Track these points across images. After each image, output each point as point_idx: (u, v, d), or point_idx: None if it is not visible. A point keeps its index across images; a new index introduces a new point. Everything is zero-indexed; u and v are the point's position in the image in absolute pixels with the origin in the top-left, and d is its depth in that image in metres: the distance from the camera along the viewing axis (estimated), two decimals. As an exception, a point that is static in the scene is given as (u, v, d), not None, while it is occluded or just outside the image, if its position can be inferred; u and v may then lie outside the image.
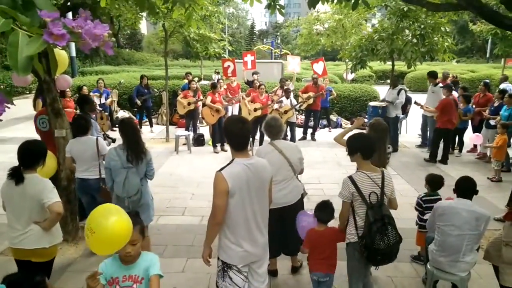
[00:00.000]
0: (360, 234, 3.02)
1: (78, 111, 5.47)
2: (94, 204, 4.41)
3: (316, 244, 3.35)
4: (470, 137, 8.42)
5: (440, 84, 9.22)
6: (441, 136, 8.25)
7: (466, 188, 3.44)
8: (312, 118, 10.63)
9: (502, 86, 10.34)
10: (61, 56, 4.97)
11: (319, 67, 11.32)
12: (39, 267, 3.17)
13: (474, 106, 8.83)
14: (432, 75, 9.27)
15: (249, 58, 11.98)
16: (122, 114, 11.75)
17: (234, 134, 2.70)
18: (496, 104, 8.25)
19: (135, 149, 3.80)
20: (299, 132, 10.47)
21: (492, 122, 7.99)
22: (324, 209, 3.41)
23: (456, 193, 3.51)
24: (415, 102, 8.82)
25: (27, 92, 19.32)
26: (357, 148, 3.07)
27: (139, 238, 2.38)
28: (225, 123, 2.85)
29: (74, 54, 16.21)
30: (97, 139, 4.46)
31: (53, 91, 4.52)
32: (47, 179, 3.24)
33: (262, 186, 2.76)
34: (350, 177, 3.07)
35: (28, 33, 1.30)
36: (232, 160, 2.72)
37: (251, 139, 8.77)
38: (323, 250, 3.36)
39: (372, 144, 3.13)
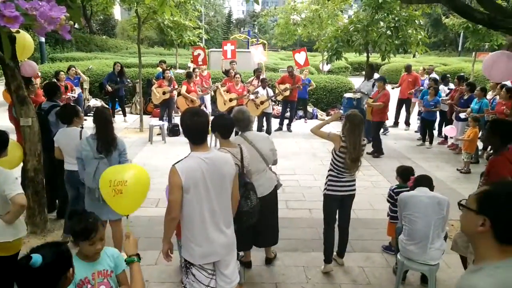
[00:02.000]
0: None
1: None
2: (79, 198, 4.28)
3: None
4: (444, 129, 8.64)
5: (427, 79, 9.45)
6: (379, 129, 8.54)
7: (422, 179, 3.74)
8: (288, 109, 10.63)
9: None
10: (26, 40, 4.75)
11: (301, 57, 11.29)
12: (2, 261, 3.02)
13: (449, 100, 9.01)
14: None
15: (228, 47, 11.72)
16: (94, 102, 11.44)
17: (190, 128, 2.59)
18: (465, 97, 8.46)
19: (105, 139, 3.69)
20: (275, 123, 10.46)
21: (462, 115, 8.18)
22: None
23: (413, 184, 3.78)
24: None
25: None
26: (216, 127, 3.11)
27: (104, 233, 2.32)
28: (181, 116, 2.71)
29: (43, 39, 15.62)
30: (81, 130, 4.28)
31: (18, 78, 4.32)
32: (9, 170, 3.07)
33: (222, 182, 2.63)
34: None
35: (-23, 15, 1.20)
36: (189, 154, 2.63)
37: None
38: None
39: (230, 125, 3.37)
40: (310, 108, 12.30)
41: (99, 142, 3.68)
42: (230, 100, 8.97)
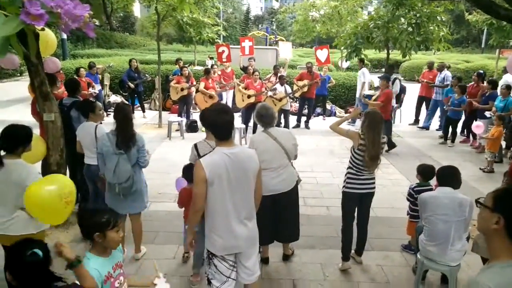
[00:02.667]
0: None
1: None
2: (97, 191, 4.37)
3: (188, 200, 3.49)
4: (473, 126, 8.27)
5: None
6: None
7: (445, 175, 3.54)
8: (306, 106, 10.57)
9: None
10: (49, 37, 4.84)
11: (322, 54, 11.19)
12: None
13: (467, 96, 8.83)
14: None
15: (246, 43, 11.71)
16: (114, 98, 11.60)
17: (216, 124, 2.66)
18: (487, 94, 8.25)
19: (124, 135, 3.73)
20: (293, 119, 10.42)
21: (487, 114, 7.98)
22: (188, 170, 3.71)
23: (437, 182, 3.60)
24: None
25: (18, 75, 19.00)
26: (207, 124, 3.05)
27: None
28: (207, 113, 2.78)
29: (65, 36, 15.91)
30: (96, 125, 4.35)
31: (41, 74, 4.40)
32: (32, 165, 3.16)
33: (245, 177, 2.69)
34: (195, 144, 3.67)
35: (5, 12, 1.22)
36: (215, 149, 2.71)
37: (244, 126, 8.81)
38: None
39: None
40: (328, 106, 12.20)
41: (118, 138, 3.73)
42: (249, 96, 8.97)
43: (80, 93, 5.34)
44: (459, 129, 9.27)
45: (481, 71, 9.69)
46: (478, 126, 7.86)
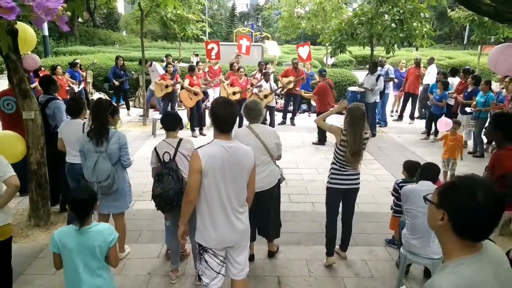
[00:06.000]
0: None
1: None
2: None
3: None
4: (438, 121, 7.13)
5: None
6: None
7: (426, 170, 3.60)
8: (291, 103, 10.58)
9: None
10: (28, 34, 4.73)
11: (304, 51, 11.20)
12: None
13: (455, 93, 8.93)
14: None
15: (244, 42, 11.52)
16: (97, 96, 11.41)
17: (220, 116, 2.68)
18: (469, 90, 8.38)
19: (97, 129, 3.65)
20: (278, 116, 10.43)
21: (468, 109, 8.10)
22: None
23: (420, 176, 3.64)
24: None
25: (-2, 73, 18.57)
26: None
27: None
28: (212, 104, 2.83)
29: (46, 33, 15.63)
30: (84, 122, 4.25)
31: (20, 71, 4.31)
32: (0, 156, 3.13)
33: (240, 172, 2.70)
34: (155, 148, 3.67)
35: (-27, 5, 1.18)
36: (212, 140, 2.73)
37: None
38: None
39: (168, 120, 3.76)
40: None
41: (91, 130, 3.66)
42: (234, 93, 8.93)
43: (56, 91, 5.23)
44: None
45: (468, 67, 9.83)
46: (444, 122, 6.64)
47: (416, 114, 11.31)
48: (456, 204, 1.42)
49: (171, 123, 3.75)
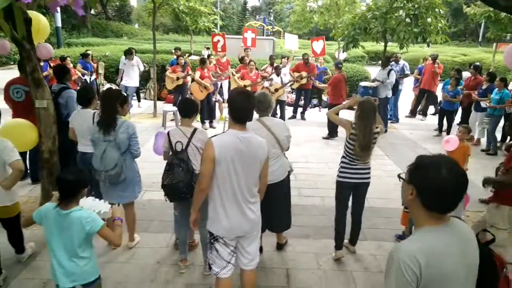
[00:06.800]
0: None
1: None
2: (92, 179, 4.30)
3: None
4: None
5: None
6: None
7: None
8: (302, 97, 10.52)
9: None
10: (41, 23, 4.76)
11: (318, 45, 11.11)
12: (6, 222, 3.59)
13: (465, 89, 8.81)
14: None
15: (249, 35, 11.48)
16: (109, 87, 11.49)
17: (237, 106, 2.67)
18: (484, 87, 8.24)
19: (105, 117, 3.66)
20: (289, 111, 10.38)
21: (482, 105, 7.97)
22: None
23: None
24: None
25: (12, 63, 18.77)
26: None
27: None
28: (231, 94, 2.83)
29: (59, 24, 15.74)
30: (94, 112, 4.24)
31: (33, 60, 4.33)
32: (7, 140, 3.33)
33: (253, 163, 2.69)
34: (168, 132, 3.61)
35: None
36: (227, 130, 2.73)
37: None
38: None
39: (191, 108, 3.69)
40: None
41: (100, 119, 3.67)
42: (245, 86, 8.90)
43: (69, 80, 5.26)
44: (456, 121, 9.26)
45: (477, 64, 9.65)
46: (450, 142, 5.03)
47: (432, 110, 11.17)
48: (422, 180, 1.57)
49: (189, 109, 3.69)
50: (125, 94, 3.97)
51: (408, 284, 1.50)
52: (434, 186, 1.53)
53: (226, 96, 10.56)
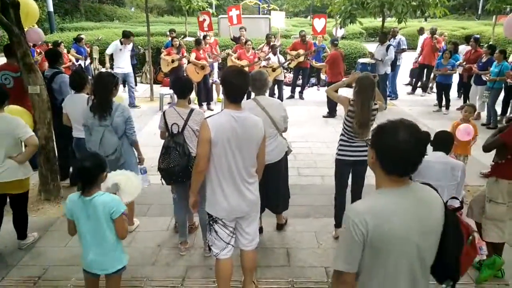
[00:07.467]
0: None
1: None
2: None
3: None
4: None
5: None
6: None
7: (439, 140, 3.37)
8: (300, 76, 10.39)
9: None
10: (30, 7, 4.64)
11: (319, 24, 10.95)
12: (16, 198, 3.65)
13: (465, 63, 8.70)
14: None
15: (234, 12, 11.22)
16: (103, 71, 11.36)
17: (232, 85, 2.62)
18: (484, 60, 8.12)
19: (99, 101, 3.59)
20: (287, 90, 10.27)
21: (484, 78, 7.87)
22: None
23: (432, 146, 3.42)
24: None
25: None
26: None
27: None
28: (225, 72, 2.77)
29: (51, 9, 15.43)
30: (88, 97, 4.17)
31: (24, 45, 4.25)
32: (17, 117, 3.44)
33: (249, 142, 2.66)
34: (163, 112, 3.56)
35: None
36: (222, 110, 2.69)
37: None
38: None
39: (184, 86, 3.65)
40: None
41: (94, 104, 3.60)
42: (242, 67, 8.79)
43: (61, 64, 5.18)
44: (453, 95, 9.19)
45: (477, 36, 9.49)
46: (464, 131, 4.80)
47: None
48: (381, 143, 1.60)
49: (183, 87, 3.63)
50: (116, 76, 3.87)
51: (355, 241, 1.55)
52: (390, 150, 1.56)
53: (216, 77, 10.37)
